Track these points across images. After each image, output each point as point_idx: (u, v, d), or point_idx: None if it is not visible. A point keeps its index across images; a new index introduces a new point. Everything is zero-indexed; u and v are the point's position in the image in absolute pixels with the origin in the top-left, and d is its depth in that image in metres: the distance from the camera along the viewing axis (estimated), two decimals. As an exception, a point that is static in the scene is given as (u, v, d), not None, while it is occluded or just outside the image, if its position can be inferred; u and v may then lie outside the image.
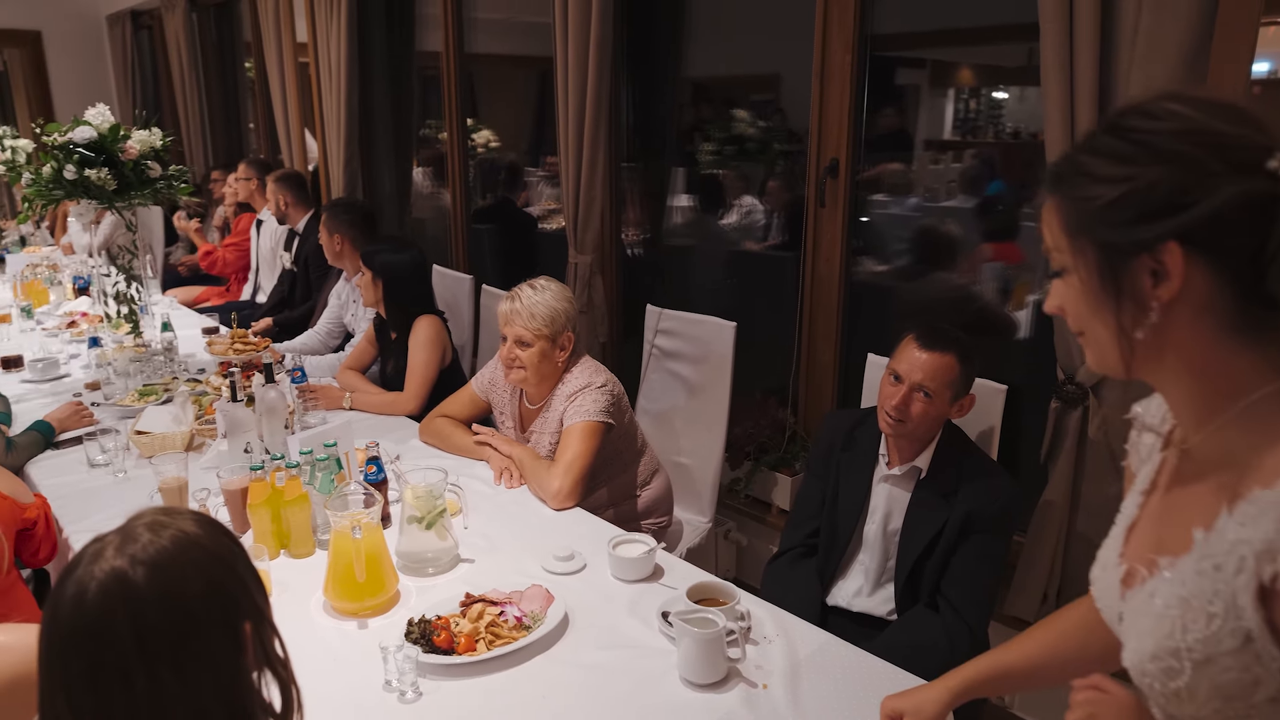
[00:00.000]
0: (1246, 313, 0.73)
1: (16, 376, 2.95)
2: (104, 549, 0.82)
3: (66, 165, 2.65)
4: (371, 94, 4.88)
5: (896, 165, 2.94)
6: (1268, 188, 0.69)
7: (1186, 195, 0.71)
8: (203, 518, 0.89)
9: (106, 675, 0.77)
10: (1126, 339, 0.77)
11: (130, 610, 0.78)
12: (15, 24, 7.32)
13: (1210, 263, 0.72)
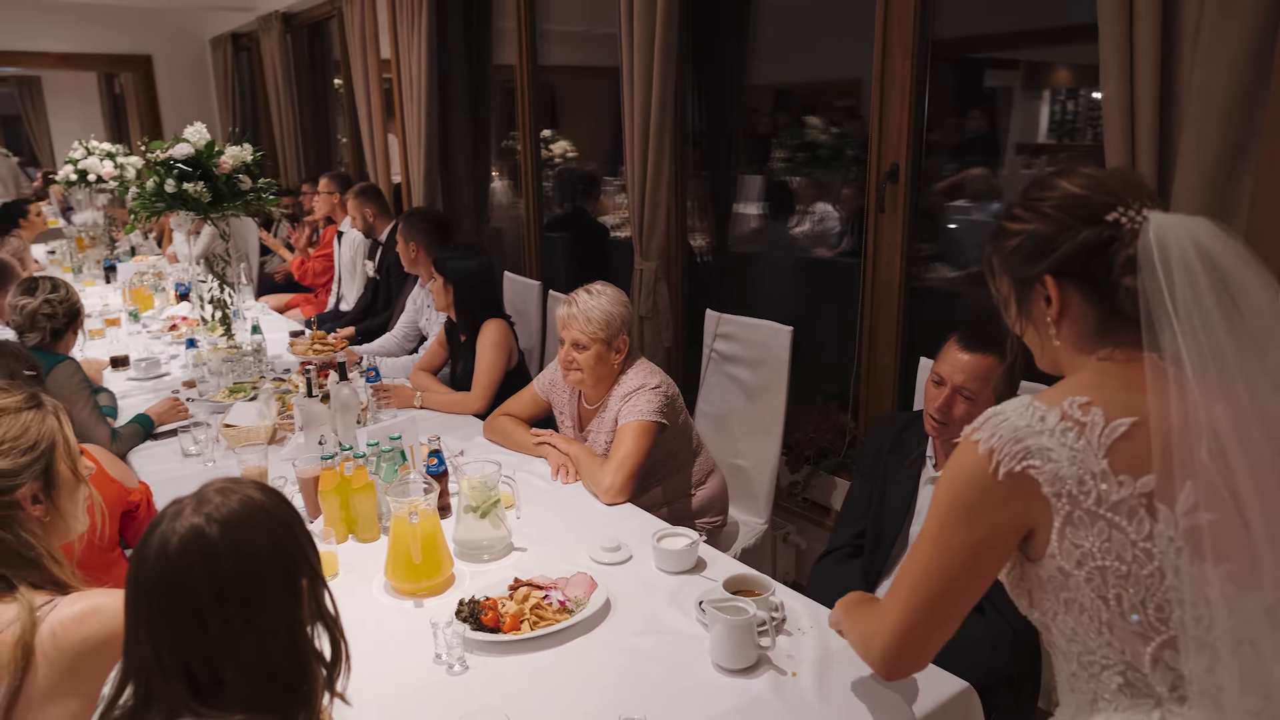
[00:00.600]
0: (1106, 320, 1.02)
1: (123, 374, 3.22)
2: (183, 509, 0.95)
3: (167, 180, 2.90)
4: (450, 107, 5.10)
5: (979, 170, 2.93)
6: (1108, 232, 1.00)
7: (1053, 242, 1.03)
8: (264, 486, 1.02)
9: (184, 617, 0.90)
10: (1041, 349, 1.11)
11: (206, 561, 0.91)
12: (129, 49, 7.91)
13: (1077, 288, 1.03)
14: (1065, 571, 1.00)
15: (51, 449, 1.23)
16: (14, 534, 1.18)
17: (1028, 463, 0.97)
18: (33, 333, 2.38)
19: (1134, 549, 0.96)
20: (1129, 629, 0.98)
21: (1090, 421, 0.97)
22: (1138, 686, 1.00)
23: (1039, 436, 0.98)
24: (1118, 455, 0.96)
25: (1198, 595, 0.93)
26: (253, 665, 0.91)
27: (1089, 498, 0.96)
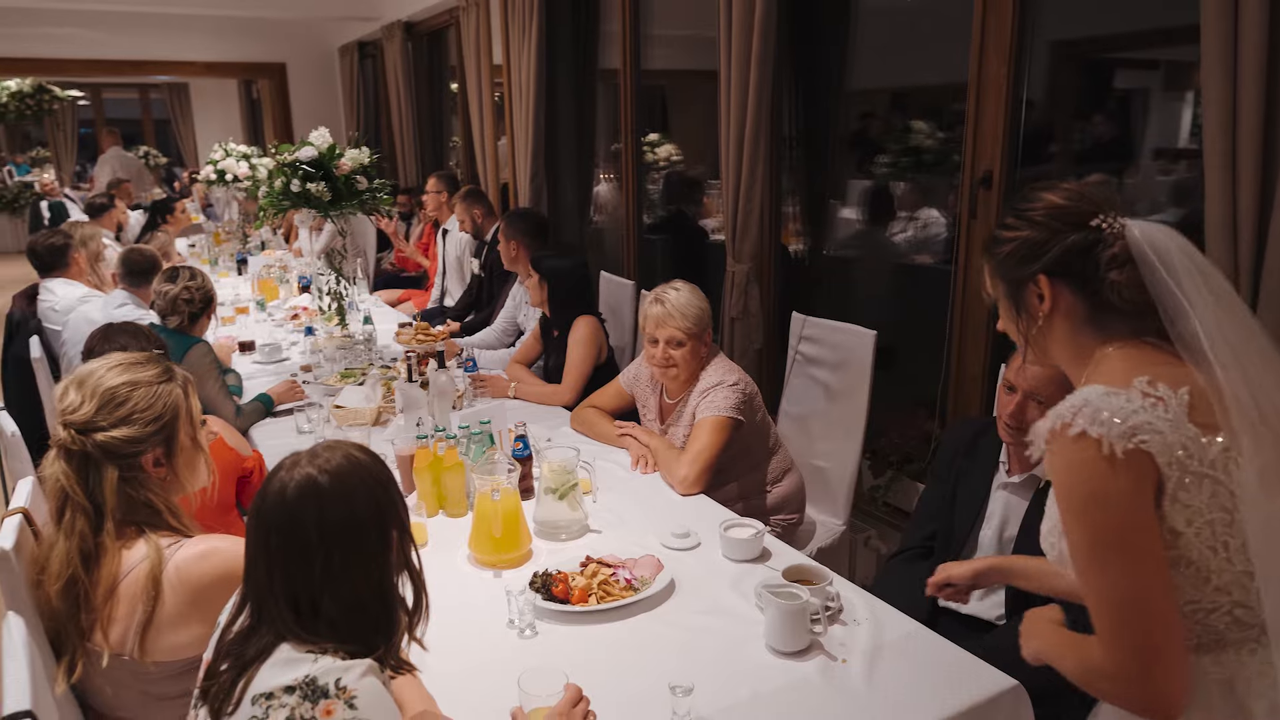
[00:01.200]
0: (1095, 312, 1.18)
1: (249, 358, 3.53)
2: (299, 460, 1.11)
3: (292, 180, 3.17)
4: (557, 111, 5.31)
5: (1098, 176, 2.86)
6: (1092, 236, 1.16)
7: (1045, 245, 1.18)
8: (365, 448, 1.17)
9: (294, 551, 1.06)
10: (1027, 340, 1.25)
11: (316, 505, 1.07)
12: (266, 58, 8.52)
13: (1068, 285, 1.18)
14: (1175, 532, 1.08)
15: (175, 420, 1.43)
16: (137, 490, 1.38)
17: (1139, 438, 1.05)
18: (173, 316, 2.68)
19: (1233, 498, 1.07)
20: (1234, 570, 1.08)
21: (1165, 395, 1.07)
22: (1244, 620, 1.11)
23: (1138, 414, 1.06)
24: (1195, 419, 1.07)
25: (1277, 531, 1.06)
26: (346, 600, 1.06)
27: (1194, 460, 1.06)
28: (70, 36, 7.75)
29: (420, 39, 7.16)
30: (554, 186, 5.47)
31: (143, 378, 1.42)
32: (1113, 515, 1.07)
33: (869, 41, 3.50)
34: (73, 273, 3.58)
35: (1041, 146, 2.87)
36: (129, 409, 1.38)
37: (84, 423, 1.36)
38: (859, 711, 1.39)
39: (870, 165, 3.62)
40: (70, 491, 1.35)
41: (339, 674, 1.00)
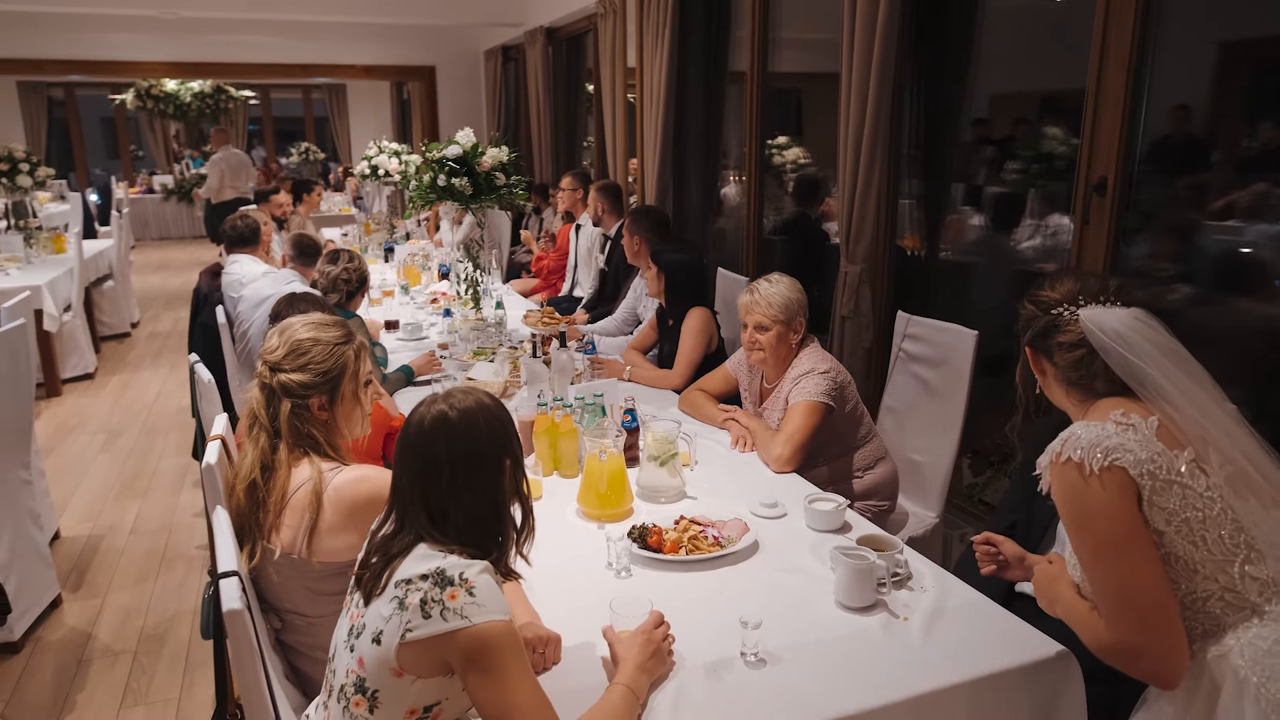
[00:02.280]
0: (1069, 384, 1.48)
1: (393, 335, 3.94)
2: (437, 400, 1.38)
3: (439, 175, 3.54)
4: (686, 113, 5.54)
5: (1261, 186, 2.82)
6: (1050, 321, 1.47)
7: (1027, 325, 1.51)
8: (492, 396, 1.43)
9: (428, 469, 1.33)
10: (1047, 392, 1.56)
11: (447, 435, 1.33)
12: (417, 61, 9.16)
13: (1044, 357, 1.51)
14: (1159, 531, 1.32)
15: (341, 376, 1.74)
16: (303, 424, 1.70)
17: (1112, 457, 1.31)
18: (333, 293, 3.07)
19: (1202, 499, 1.30)
20: (1215, 560, 1.30)
21: (1134, 423, 1.34)
22: (1234, 604, 1.31)
23: (1111, 439, 1.32)
24: (1164, 439, 1.33)
25: (1248, 519, 1.31)
26: (468, 512, 1.33)
27: (1162, 470, 1.31)
28: (247, 43, 8.60)
29: (560, 43, 7.56)
30: (680, 186, 5.71)
31: (324, 337, 1.75)
32: (1101, 523, 1.32)
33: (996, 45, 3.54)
34: (256, 251, 4.10)
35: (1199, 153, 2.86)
36: (307, 359, 1.71)
37: (274, 363, 1.70)
38: (912, 659, 1.55)
39: (999, 170, 3.65)
40: (257, 413, 1.69)
41: (462, 568, 1.26)
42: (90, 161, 14.80)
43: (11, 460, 2.93)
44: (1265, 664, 1.25)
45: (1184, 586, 1.33)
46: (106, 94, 13.61)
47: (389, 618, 1.26)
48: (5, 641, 2.82)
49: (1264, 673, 1.25)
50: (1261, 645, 1.27)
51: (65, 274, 5.74)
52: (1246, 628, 1.30)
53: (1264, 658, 1.26)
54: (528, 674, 1.26)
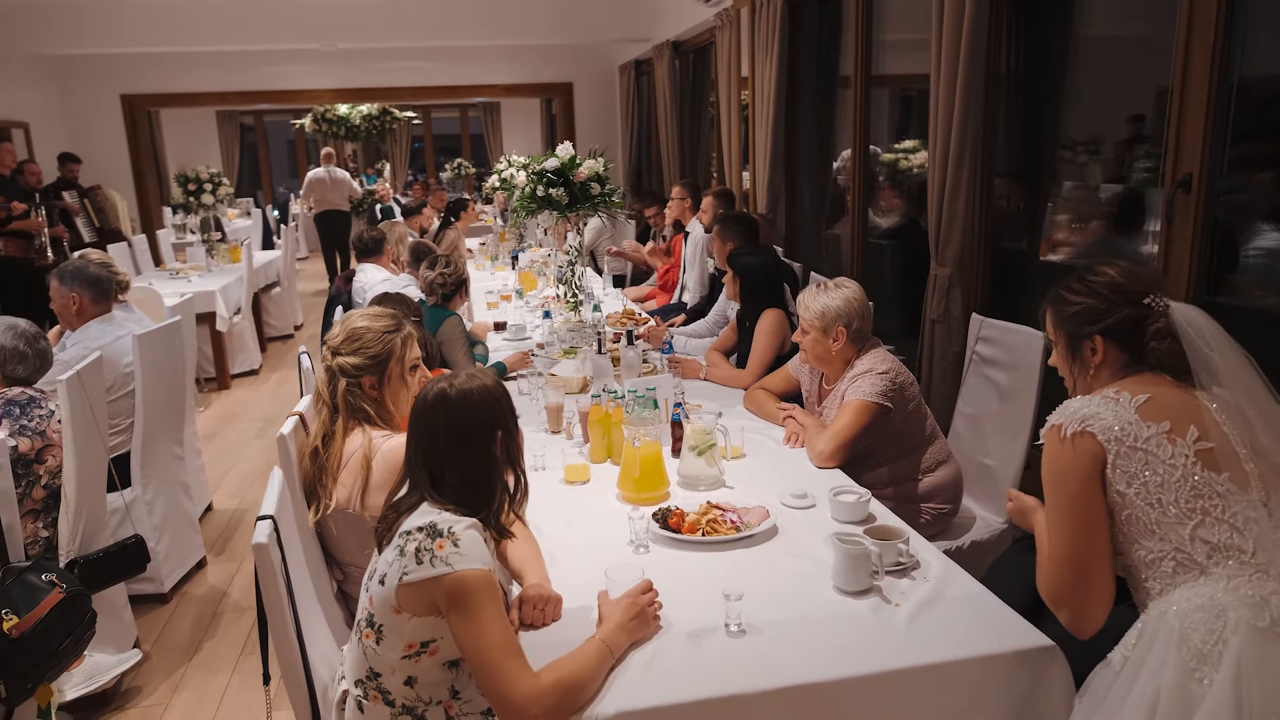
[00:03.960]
0: (1130, 365, 1.57)
1: (500, 335, 4.25)
2: (443, 380, 1.59)
3: (538, 186, 3.80)
4: (798, 120, 5.60)
5: None
6: (1143, 311, 1.54)
7: (1105, 313, 1.57)
8: (495, 378, 1.63)
9: (427, 438, 1.54)
10: (1074, 380, 1.66)
11: (445, 410, 1.54)
12: (556, 78, 9.63)
13: (1116, 344, 1.58)
14: (1121, 493, 1.46)
15: (388, 360, 2.00)
16: (355, 399, 1.97)
17: (1085, 424, 1.47)
18: (432, 295, 3.38)
19: (1164, 465, 1.44)
20: (1170, 522, 1.42)
21: (1121, 397, 1.50)
22: (1184, 564, 1.43)
23: (1089, 407, 1.49)
24: (1142, 411, 1.47)
25: (1209, 489, 1.43)
26: (461, 475, 1.53)
27: (1129, 437, 1.46)
28: (399, 69, 9.33)
29: (686, 56, 7.77)
30: (792, 192, 5.77)
31: (375, 326, 2.01)
32: (1062, 483, 1.48)
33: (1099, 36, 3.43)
34: (381, 260, 4.53)
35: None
36: (359, 344, 1.97)
37: (334, 347, 1.98)
38: (889, 639, 1.61)
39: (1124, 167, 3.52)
40: (320, 391, 1.98)
41: (451, 523, 1.46)
42: (275, 180, 16.37)
43: (167, 438, 3.42)
44: (1192, 617, 1.36)
45: (1144, 545, 1.46)
46: (289, 119, 15.00)
47: (392, 562, 1.48)
48: (157, 593, 3.29)
49: (1188, 623, 1.36)
50: (1195, 600, 1.38)
51: (236, 281, 6.48)
52: (1188, 586, 1.41)
53: (1193, 611, 1.37)
54: (500, 617, 1.44)
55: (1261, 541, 1.39)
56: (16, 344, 2.54)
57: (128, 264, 6.85)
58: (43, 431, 2.56)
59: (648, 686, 1.50)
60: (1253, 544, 1.39)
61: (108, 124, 9.02)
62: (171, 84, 9.01)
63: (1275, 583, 1.36)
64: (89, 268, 3.14)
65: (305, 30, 7.69)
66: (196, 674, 2.89)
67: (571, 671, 1.44)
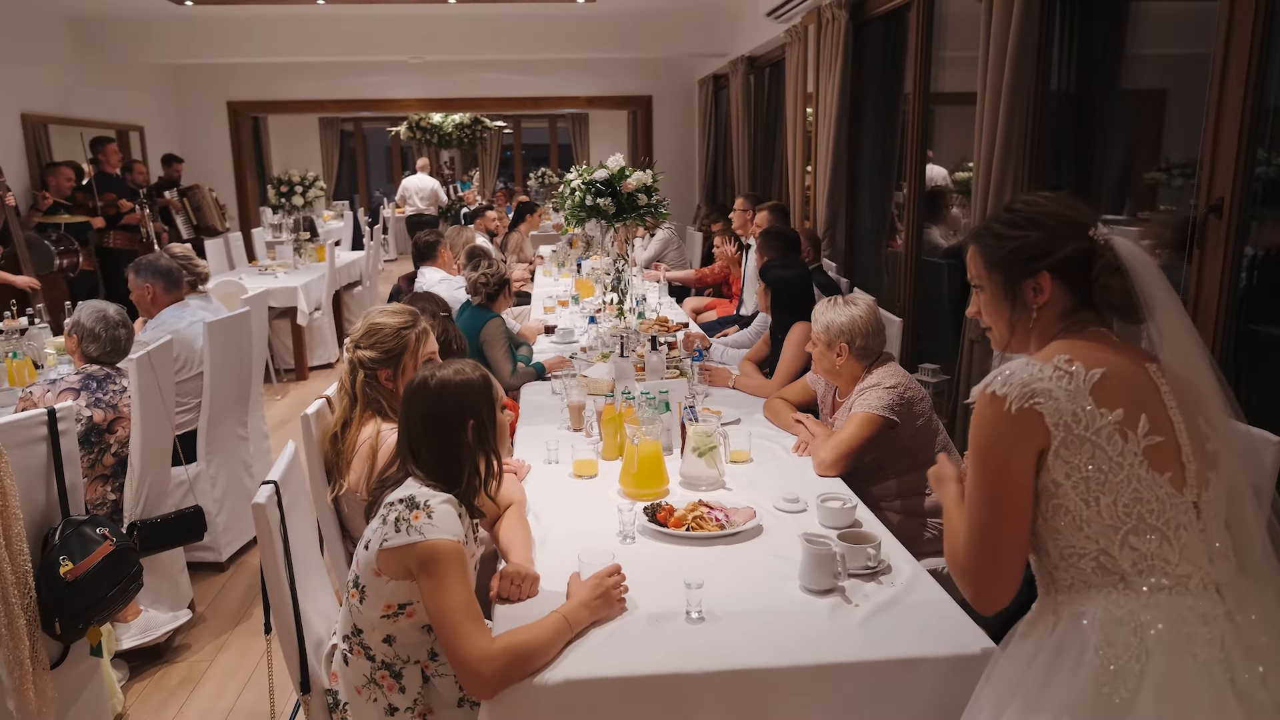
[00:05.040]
0: (1076, 307, 1.41)
1: (549, 338, 4.43)
2: (430, 368, 1.75)
3: (587, 195, 3.96)
4: (861, 137, 5.63)
5: None
6: (1090, 245, 1.39)
7: (1051, 247, 1.40)
8: (480, 369, 1.78)
9: (408, 420, 1.71)
10: (1012, 328, 1.47)
11: (422, 396, 1.71)
12: (636, 91, 9.84)
13: (1063, 282, 1.41)
14: (1057, 483, 1.34)
15: (402, 353, 2.17)
16: (373, 390, 2.15)
17: (1034, 401, 1.32)
18: (476, 295, 3.58)
19: (1110, 461, 1.32)
20: (1103, 523, 1.33)
21: (1075, 371, 1.33)
22: (1106, 567, 1.34)
23: (1041, 382, 1.32)
24: (1097, 394, 1.33)
25: (1150, 494, 1.32)
26: (433, 455, 1.69)
27: (1080, 425, 1.32)
28: (491, 80, 9.70)
29: (761, 71, 7.86)
30: (852, 209, 5.79)
31: (390, 322, 2.19)
32: (998, 459, 1.35)
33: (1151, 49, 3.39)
34: (439, 263, 4.78)
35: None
36: (376, 339, 2.16)
37: (355, 341, 2.17)
38: (840, 634, 1.69)
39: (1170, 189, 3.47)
40: (342, 381, 2.16)
41: (427, 496, 1.62)
42: (372, 185, 17.11)
43: (232, 420, 3.71)
44: (1111, 631, 1.30)
45: (1067, 539, 1.35)
46: (385, 127, 15.68)
47: (375, 530, 1.65)
48: (215, 561, 3.58)
49: (1105, 638, 1.30)
50: (1114, 613, 1.31)
51: (319, 279, 6.87)
52: (1109, 594, 1.33)
53: (1112, 625, 1.30)
54: (464, 583, 1.58)
55: (1186, 551, 1.32)
56: (94, 326, 2.84)
57: (221, 259, 7.35)
58: (115, 405, 2.85)
59: (598, 660, 1.62)
60: (1178, 554, 1.31)
61: (214, 128, 9.67)
62: (272, 92, 9.61)
63: (1194, 598, 1.30)
64: (161, 260, 3.46)
65: (395, 43, 8.11)
66: (241, 637, 3.15)
67: (526, 640, 1.58)
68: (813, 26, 5.78)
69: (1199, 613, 1.30)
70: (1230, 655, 1.28)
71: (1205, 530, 1.34)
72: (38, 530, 2.21)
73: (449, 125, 14.84)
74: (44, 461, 2.22)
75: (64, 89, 7.45)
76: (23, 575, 2.14)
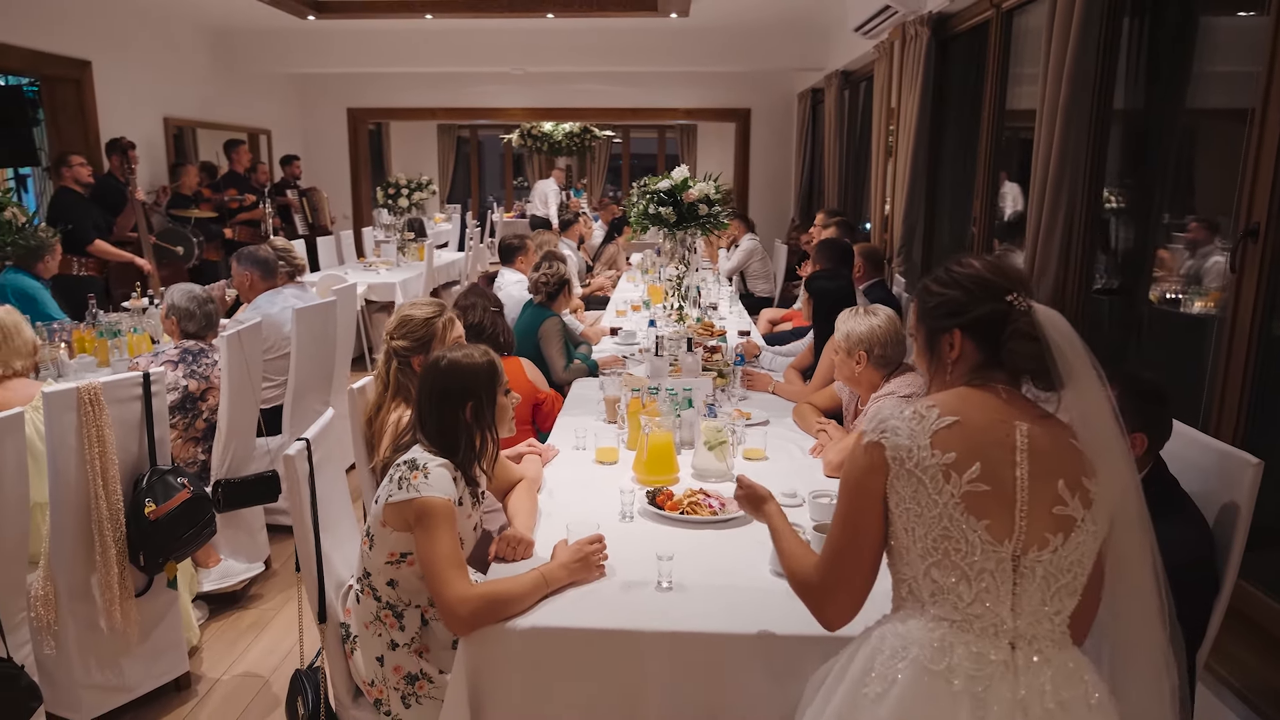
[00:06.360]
0: (985, 365, 1.49)
1: (613, 340, 4.67)
2: (445, 351, 2.01)
3: (650, 204, 4.19)
4: (942, 154, 5.66)
5: None
6: (1003, 309, 1.45)
7: (966, 307, 1.49)
8: (488, 353, 2.03)
9: (422, 394, 1.97)
10: (930, 376, 1.59)
11: (433, 373, 1.97)
12: (735, 104, 10.03)
13: (975, 342, 1.50)
14: (889, 509, 1.47)
15: (429, 341, 2.44)
16: (405, 377, 2.42)
17: (881, 435, 1.46)
18: (537, 294, 3.86)
19: (928, 498, 1.42)
20: (915, 553, 1.44)
21: (928, 415, 1.45)
22: (913, 594, 1.47)
23: (893, 420, 1.46)
24: (939, 439, 1.43)
25: (960, 536, 1.41)
26: (436, 426, 1.95)
27: (911, 461, 1.43)
28: (591, 91, 10.09)
29: (856, 85, 7.92)
30: (931, 225, 5.81)
31: (419, 314, 2.47)
32: (851, 486, 1.50)
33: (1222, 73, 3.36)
34: (517, 265, 5.11)
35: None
36: (407, 329, 2.44)
37: (390, 331, 2.46)
38: (785, 612, 1.83)
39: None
40: (379, 368, 2.46)
41: (427, 460, 1.87)
42: (487, 190, 17.85)
43: (315, 399, 4.11)
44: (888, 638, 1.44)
45: (895, 565, 1.50)
46: (499, 134, 16.37)
47: (384, 486, 1.91)
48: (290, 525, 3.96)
49: (880, 643, 1.45)
50: (897, 628, 1.45)
51: (417, 276, 7.35)
52: (904, 618, 1.46)
53: (890, 635, 1.45)
54: (451, 537, 1.83)
55: (984, 595, 1.39)
56: (189, 305, 3.26)
57: (332, 255, 7.95)
58: (207, 376, 3.26)
59: (566, 613, 1.83)
60: (973, 595, 1.39)
61: (334, 132, 10.43)
62: (387, 99, 10.30)
63: (974, 637, 1.39)
64: (260, 251, 3.89)
65: (497, 55, 8.60)
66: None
67: (503, 590, 1.81)
68: (898, 42, 5.85)
69: (973, 652, 1.39)
70: (994, 702, 1.36)
71: (1020, 587, 1.40)
72: (129, 475, 2.60)
73: (559, 134, 15.38)
74: (138, 417, 2.61)
75: (202, 95, 8.23)
76: (115, 512, 2.53)
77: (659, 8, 7.46)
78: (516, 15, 7.67)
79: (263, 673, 3.00)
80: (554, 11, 7.63)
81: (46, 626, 2.47)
